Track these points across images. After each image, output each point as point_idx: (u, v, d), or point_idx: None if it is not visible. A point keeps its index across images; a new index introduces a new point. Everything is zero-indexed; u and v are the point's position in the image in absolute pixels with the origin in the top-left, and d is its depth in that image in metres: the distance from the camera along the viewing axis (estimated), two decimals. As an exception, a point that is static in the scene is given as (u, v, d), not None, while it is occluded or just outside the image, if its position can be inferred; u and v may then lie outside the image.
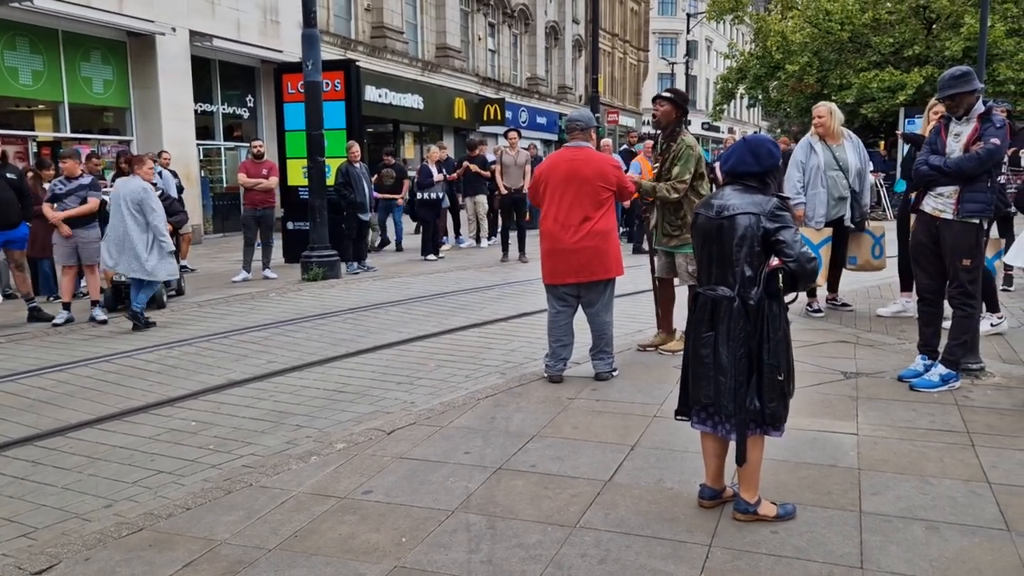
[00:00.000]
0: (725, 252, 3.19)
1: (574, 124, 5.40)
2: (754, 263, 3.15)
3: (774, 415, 3.18)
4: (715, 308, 3.22)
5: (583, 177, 5.20)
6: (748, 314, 3.14)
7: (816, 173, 6.96)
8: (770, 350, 3.13)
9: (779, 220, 3.14)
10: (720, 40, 56.97)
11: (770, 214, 3.14)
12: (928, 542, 3.09)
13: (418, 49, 25.16)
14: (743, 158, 3.26)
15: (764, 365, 3.14)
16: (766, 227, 3.13)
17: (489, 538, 3.20)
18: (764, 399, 3.15)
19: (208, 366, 6.36)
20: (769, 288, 3.16)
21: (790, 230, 3.14)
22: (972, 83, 4.88)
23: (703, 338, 3.25)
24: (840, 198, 7.02)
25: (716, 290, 3.22)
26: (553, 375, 5.35)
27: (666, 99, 5.78)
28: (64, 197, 8.12)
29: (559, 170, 5.29)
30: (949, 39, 24.71)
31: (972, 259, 4.95)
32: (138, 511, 3.63)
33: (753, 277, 3.15)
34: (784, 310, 3.23)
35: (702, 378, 3.26)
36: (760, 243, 3.14)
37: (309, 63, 10.85)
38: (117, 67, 15.20)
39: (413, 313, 8.46)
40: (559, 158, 5.39)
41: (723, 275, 3.21)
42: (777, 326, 3.16)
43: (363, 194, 11.58)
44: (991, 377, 5.18)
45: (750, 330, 3.14)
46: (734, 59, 32.44)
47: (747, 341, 3.14)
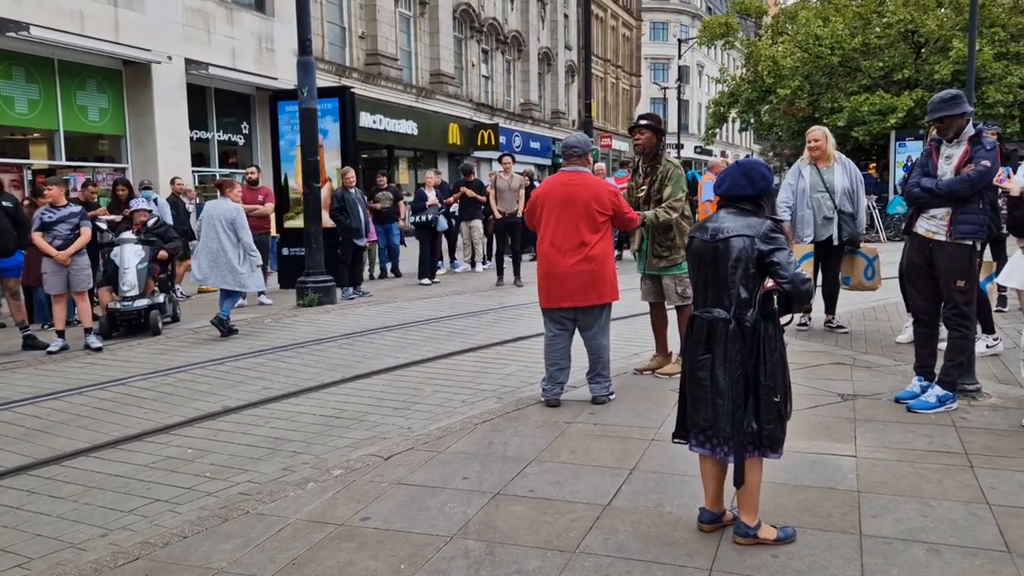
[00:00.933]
0: (720, 274, 3.21)
1: (572, 150, 5.40)
2: (749, 285, 3.17)
3: (771, 437, 3.18)
4: (711, 330, 3.23)
5: (579, 201, 5.21)
6: (744, 336, 3.15)
7: (802, 196, 7.28)
8: (766, 372, 3.14)
9: (773, 242, 3.16)
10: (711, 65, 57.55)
11: (764, 236, 3.16)
12: (929, 564, 3.08)
13: (412, 76, 25.35)
14: (737, 181, 3.29)
15: (761, 387, 3.15)
16: (760, 249, 3.15)
17: (488, 564, 3.17)
18: (762, 421, 3.15)
19: (204, 393, 6.33)
20: (764, 310, 3.18)
21: (784, 252, 3.16)
22: (961, 106, 4.94)
23: (700, 361, 3.25)
24: (826, 218, 7.26)
25: (712, 312, 3.23)
26: (550, 399, 5.33)
27: (645, 127, 5.81)
28: (54, 225, 8.09)
29: (556, 194, 5.29)
30: (938, 63, 24.98)
31: (966, 280, 4.98)
32: (134, 540, 3.60)
33: (748, 299, 3.17)
34: (780, 332, 3.24)
35: (700, 401, 3.26)
36: (755, 265, 3.16)
37: (304, 90, 10.91)
38: (113, 95, 15.28)
39: (409, 338, 8.44)
40: (556, 182, 5.38)
41: (719, 297, 3.23)
42: (773, 347, 3.18)
43: (359, 219, 11.60)
44: (987, 398, 5.18)
45: (746, 352, 3.15)
46: (726, 83, 32.71)
47: (743, 363, 3.15)
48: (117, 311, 8.78)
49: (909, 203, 5.31)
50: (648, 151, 5.83)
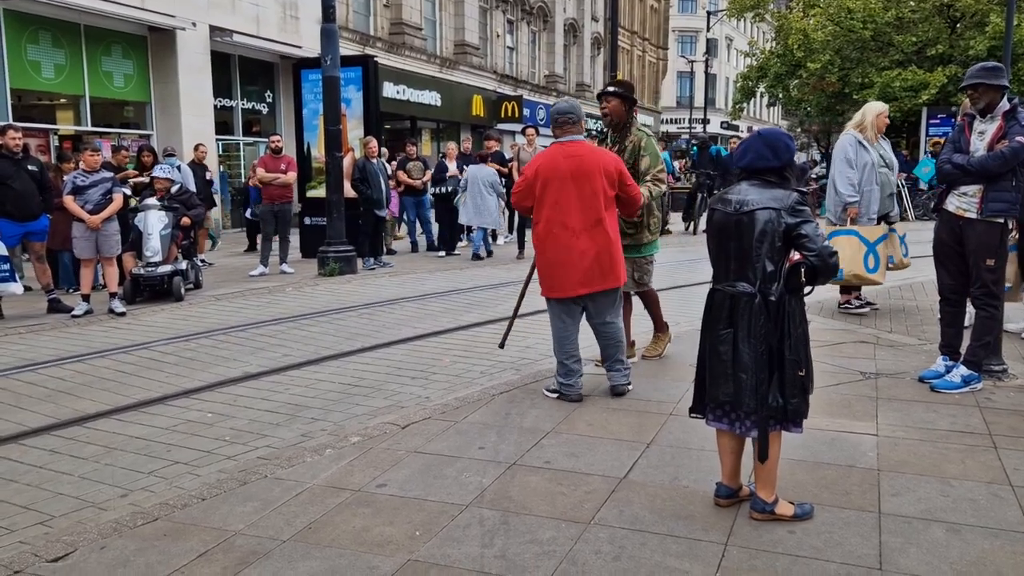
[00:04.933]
0: (745, 248, 3.15)
1: (565, 116, 4.80)
2: (775, 258, 3.12)
3: (796, 411, 3.15)
4: (734, 305, 3.18)
5: (592, 173, 4.67)
6: (769, 310, 3.11)
7: (871, 170, 6.81)
8: (791, 346, 3.10)
9: (800, 215, 3.11)
10: (740, 38, 56.64)
11: (791, 208, 3.11)
12: (949, 544, 3.04)
13: (436, 46, 25.17)
14: (762, 153, 3.21)
15: (786, 361, 3.11)
16: (787, 222, 3.10)
17: (503, 533, 3.18)
18: (786, 395, 3.12)
19: (224, 359, 6.38)
20: (790, 283, 3.13)
21: (811, 224, 3.11)
22: (1000, 78, 4.81)
23: (721, 335, 3.21)
24: (891, 194, 7.08)
25: (736, 286, 3.18)
26: (575, 395, 4.84)
27: (613, 94, 5.32)
28: (86, 190, 8.20)
29: (561, 168, 4.69)
30: (973, 38, 24.41)
31: (995, 259, 4.88)
32: (154, 501, 3.64)
33: (774, 272, 3.12)
34: (803, 305, 3.20)
35: (720, 376, 3.22)
36: (781, 238, 3.11)
37: (328, 59, 10.86)
38: (138, 61, 15.31)
39: (428, 309, 8.45)
40: (557, 154, 4.74)
41: (742, 271, 3.17)
42: (797, 322, 3.14)
43: (380, 190, 11.58)
44: (1014, 379, 5.10)
45: (771, 326, 3.11)
46: (754, 57, 32.20)
47: (767, 337, 3.11)
48: (141, 276, 8.85)
49: (940, 179, 5.20)
50: (616, 121, 5.34)
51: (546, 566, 2.92)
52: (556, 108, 4.91)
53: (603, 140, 5.51)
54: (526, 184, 4.81)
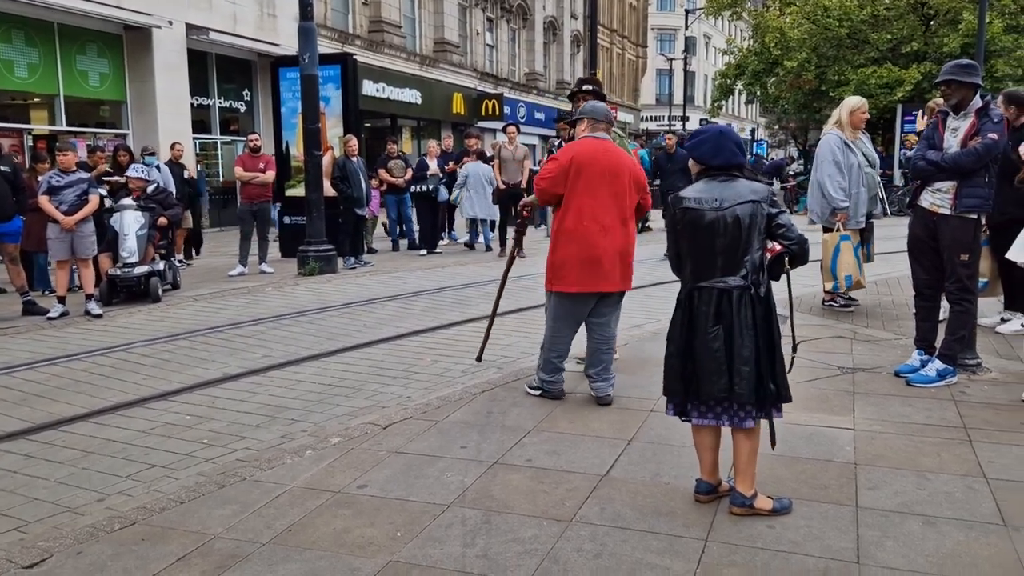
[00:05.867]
0: (732, 243, 3.17)
1: (600, 114, 4.75)
2: (761, 250, 3.20)
3: (785, 395, 3.24)
4: (721, 300, 3.19)
5: (624, 173, 4.62)
6: (760, 301, 3.18)
7: (858, 172, 6.71)
8: (779, 332, 3.22)
9: (777, 205, 3.24)
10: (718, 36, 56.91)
11: (769, 200, 3.21)
12: (925, 537, 3.08)
13: (416, 44, 25.09)
14: (734, 150, 3.27)
15: (776, 348, 3.19)
16: (768, 213, 3.18)
17: (484, 532, 3.18)
18: (778, 381, 3.20)
19: (203, 360, 6.33)
20: (774, 273, 3.24)
21: (786, 214, 3.25)
22: (972, 75, 4.86)
23: (711, 332, 3.19)
24: (873, 195, 6.92)
25: (726, 281, 3.19)
26: (558, 392, 4.84)
27: (588, 93, 5.23)
28: (61, 190, 8.10)
29: (599, 162, 4.56)
30: (947, 35, 24.69)
31: (969, 254, 4.94)
32: (131, 505, 3.61)
33: (759, 264, 3.19)
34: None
35: (714, 372, 3.17)
36: (764, 230, 3.19)
37: (306, 57, 10.80)
38: (113, 60, 15.16)
39: (410, 308, 8.43)
40: (594, 148, 4.60)
41: (731, 266, 3.19)
42: (770, 309, 3.24)
43: (360, 188, 11.53)
44: (988, 373, 5.16)
45: (763, 316, 3.18)
46: (732, 55, 32.38)
47: (759, 327, 3.17)
48: (117, 278, 8.77)
49: (914, 176, 5.25)
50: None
51: (528, 565, 2.93)
52: (591, 106, 4.82)
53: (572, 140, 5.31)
54: (560, 169, 4.58)
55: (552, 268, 4.70)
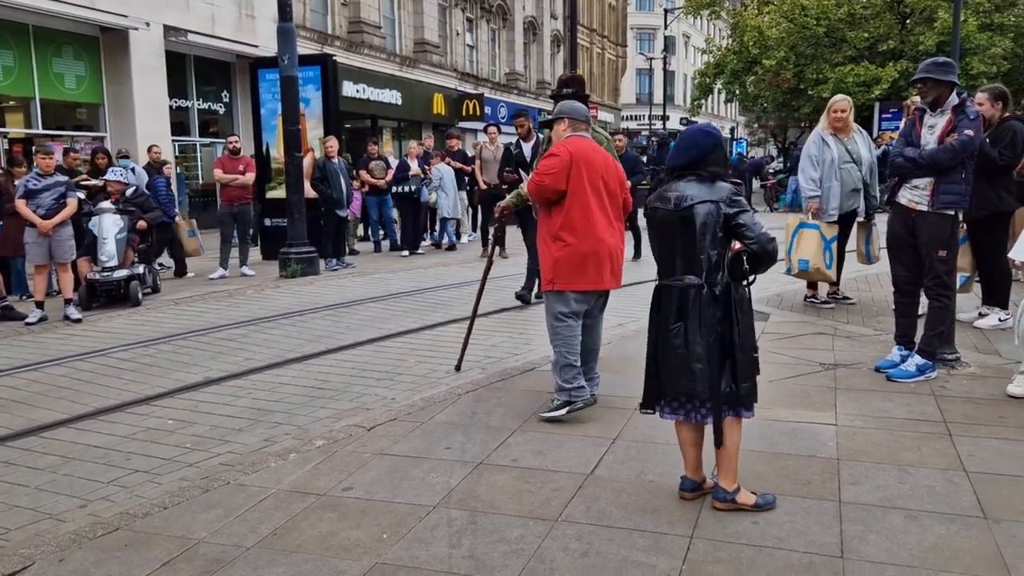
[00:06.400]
0: (689, 242, 3.24)
1: (581, 115, 4.67)
2: (718, 249, 3.21)
3: (747, 395, 3.24)
4: (683, 298, 3.25)
5: (612, 172, 4.62)
6: (717, 299, 3.19)
7: (831, 167, 6.92)
8: (741, 332, 3.20)
9: (737, 205, 3.21)
10: (697, 35, 57.20)
11: (728, 200, 3.21)
12: (907, 531, 3.11)
13: (396, 44, 25.03)
14: (697, 150, 3.30)
15: (736, 347, 3.19)
16: (726, 212, 3.19)
17: (471, 533, 3.18)
18: (738, 380, 3.20)
19: (185, 364, 6.29)
20: (733, 272, 3.23)
21: (748, 213, 3.23)
22: (948, 73, 4.92)
23: (673, 329, 3.27)
24: (854, 190, 7.02)
25: (683, 280, 3.26)
26: (589, 398, 4.59)
27: (573, 96, 5.16)
28: (39, 193, 8.01)
29: (593, 160, 4.51)
30: (923, 33, 24.97)
31: (947, 250, 4.99)
32: (113, 511, 3.58)
33: (718, 263, 3.21)
34: (747, 294, 3.31)
35: (676, 368, 3.27)
36: (722, 229, 3.20)
37: (285, 58, 10.75)
38: (90, 62, 14.99)
39: (392, 309, 8.41)
40: (586, 146, 4.55)
41: (689, 264, 3.25)
42: (745, 309, 3.25)
43: (340, 190, 11.49)
44: (966, 367, 5.22)
45: (720, 315, 3.19)
46: (711, 54, 32.57)
47: (717, 326, 3.19)
48: (96, 282, 8.68)
49: (892, 173, 5.31)
50: None
51: (514, 565, 2.93)
52: (571, 106, 4.72)
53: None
54: (563, 165, 4.41)
55: (558, 267, 4.48)
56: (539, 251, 4.66)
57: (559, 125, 4.68)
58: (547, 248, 4.54)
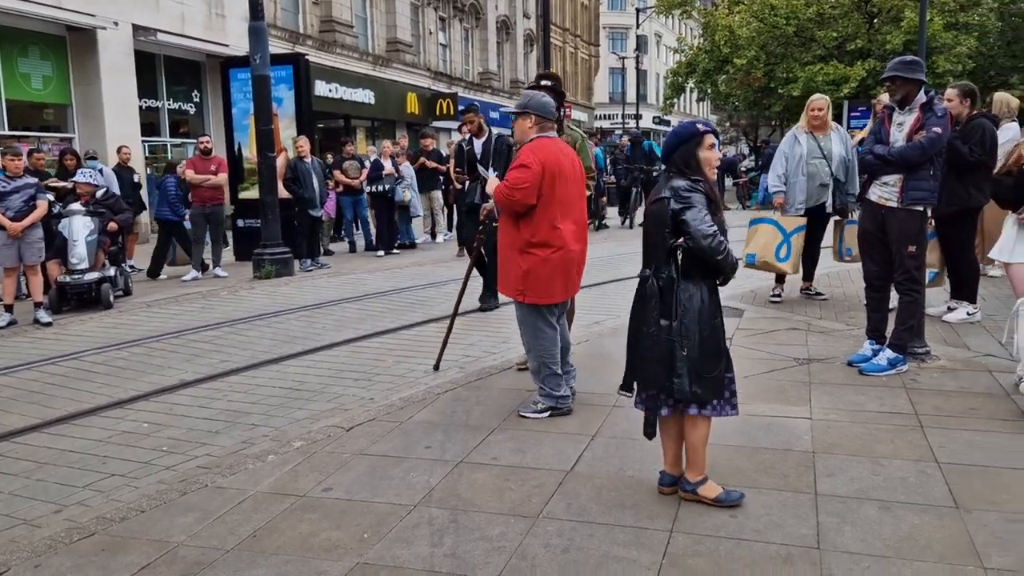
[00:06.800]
0: (648, 235, 3.34)
1: (550, 114, 4.48)
2: (666, 243, 3.25)
3: (703, 392, 3.22)
4: (639, 290, 3.34)
5: (579, 174, 4.55)
6: (662, 293, 3.24)
7: (799, 162, 7.09)
8: (683, 328, 3.20)
9: (684, 201, 3.22)
10: (669, 35, 57.51)
11: (676, 195, 3.24)
12: (882, 521, 3.17)
13: (368, 43, 24.91)
14: (667, 146, 3.41)
15: (677, 343, 3.21)
16: (673, 208, 3.23)
17: (452, 531, 3.19)
18: (682, 375, 3.20)
19: (159, 367, 6.22)
20: (680, 267, 3.24)
21: (693, 209, 3.20)
22: (916, 72, 5.01)
23: (632, 319, 3.37)
24: (822, 185, 7.11)
25: (644, 272, 3.34)
26: (569, 406, 4.59)
27: (547, 88, 4.99)
28: (7, 196, 7.88)
29: (563, 165, 4.40)
30: (890, 32, 25.29)
31: (916, 245, 5.08)
32: (90, 515, 3.54)
33: (666, 257, 3.26)
34: (708, 291, 3.27)
35: (629, 358, 3.38)
36: (670, 224, 3.24)
37: (257, 57, 10.66)
38: (57, 62, 14.76)
39: (369, 310, 8.39)
40: (556, 151, 4.42)
41: (648, 257, 3.34)
42: (689, 307, 3.22)
43: (311, 190, 11.43)
44: (936, 360, 5.32)
45: (662, 308, 3.23)
46: (683, 53, 32.77)
47: (659, 319, 3.23)
48: (67, 285, 8.56)
49: (862, 170, 5.39)
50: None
51: (496, 562, 2.94)
52: (539, 102, 4.47)
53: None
54: (535, 178, 4.27)
55: (529, 280, 4.40)
56: (502, 257, 4.52)
57: (524, 121, 4.45)
58: (514, 258, 4.42)
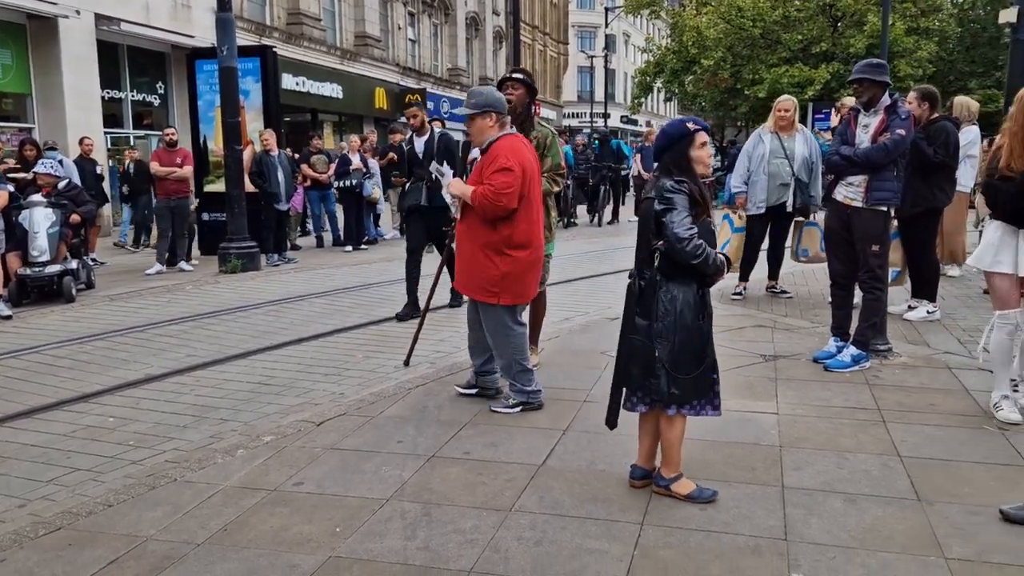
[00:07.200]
0: (637, 237, 3.36)
1: (506, 110, 4.45)
2: (649, 244, 3.28)
3: (679, 393, 3.25)
4: (627, 289, 3.37)
5: (539, 171, 4.59)
6: (642, 293, 3.27)
7: (760, 161, 7.26)
8: (656, 329, 3.23)
9: (666, 202, 3.20)
10: (637, 34, 57.84)
11: (660, 196, 3.23)
12: (847, 513, 3.24)
13: (336, 37, 24.71)
14: (656, 146, 3.41)
15: (654, 343, 3.24)
16: (656, 209, 3.24)
17: (425, 525, 3.19)
18: (667, 378, 3.23)
19: (124, 361, 6.13)
20: (661, 268, 3.24)
21: (673, 211, 3.18)
22: (882, 74, 5.12)
23: (623, 319, 3.39)
24: (783, 184, 7.24)
25: (631, 272, 3.37)
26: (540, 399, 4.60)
27: (521, 81, 5.00)
28: (-36, 186, 7.72)
29: (534, 164, 4.45)
30: (854, 36, 25.71)
31: (880, 245, 5.19)
32: (55, 510, 3.48)
33: (648, 258, 3.29)
34: (693, 294, 3.25)
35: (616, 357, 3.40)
36: (653, 223, 3.26)
37: (224, 49, 10.53)
38: (17, 51, 14.43)
39: (337, 304, 8.34)
40: (525, 148, 4.43)
41: (637, 259, 3.36)
42: (670, 308, 3.22)
43: (276, 184, 11.32)
44: (898, 357, 5.44)
45: (643, 308, 3.27)
46: (651, 53, 32.98)
47: (638, 319, 3.27)
48: (27, 277, 8.39)
49: (828, 170, 5.49)
50: (520, 111, 4.98)
51: (469, 554, 2.96)
52: (496, 97, 4.39)
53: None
54: (519, 184, 4.26)
55: (506, 282, 4.35)
56: (470, 259, 4.42)
57: (484, 120, 4.31)
58: (489, 260, 4.35)
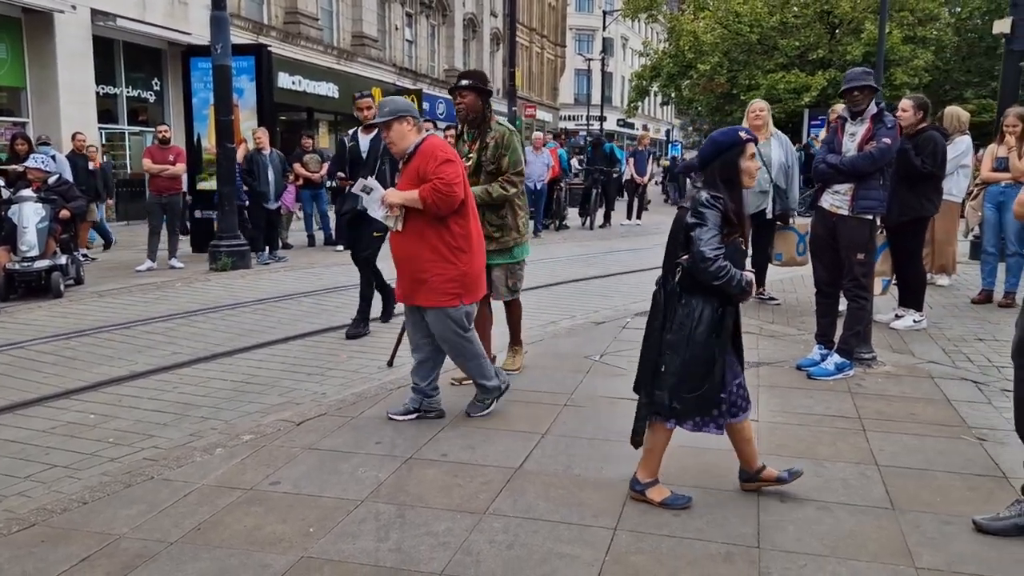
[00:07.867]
0: (667, 243, 3.32)
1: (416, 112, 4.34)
2: (677, 256, 3.25)
3: (680, 407, 3.24)
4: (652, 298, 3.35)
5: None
6: (665, 304, 3.25)
7: None
8: (668, 342, 3.22)
9: (698, 216, 3.15)
10: (635, 38, 57.95)
11: (693, 209, 3.19)
12: (820, 521, 3.24)
13: (333, 37, 24.72)
14: (700, 156, 3.38)
15: (664, 355, 3.23)
16: (687, 221, 3.20)
17: (398, 526, 3.19)
18: (669, 392, 3.22)
19: (109, 357, 6.12)
20: (682, 282, 3.20)
21: (701, 227, 3.12)
22: (872, 80, 5.21)
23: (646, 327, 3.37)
24: (761, 192, 7.19)
25: (658, 280, 3.34)
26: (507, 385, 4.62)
27: (467, 88, 4.91)
28: (-49, 180, 7.70)
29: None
30: (850, 44, 25.82)
31: (865, 253, 5.21)
32: (30, 506, 3.48)
33: (673, 269, 3.25)
34: (712, 311, 3.19)
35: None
36: (683, 236, 3.21)
37: (218, 47, 10.52)
38: (12, 45, 14.43)
39: (325, 304, 8.33)
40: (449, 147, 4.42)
41: (665, 268, 3.32)
42: (685, 322, 3.18)
43: (266, 183, 11.31)
44: (882, 366, 5.45)
45: (660, 320, 3.25)
46: (648, 57, 33.06)
47: (658, 330, 3.25)
48: (15, 272, 8.37)
49: (816, 179, 5.51)
50: (471, 116, 4.96)
51: (441, 557, 2.96)
52: (410, 106, 4.33)
53: (459, 137, 5.20)
54: (463, 171, 4.29)
55: (466, 281, 4.28)
56: (428, 264, 4.21)
57: (403, 125, 4.21)
58: (446, 261, 4.21)
